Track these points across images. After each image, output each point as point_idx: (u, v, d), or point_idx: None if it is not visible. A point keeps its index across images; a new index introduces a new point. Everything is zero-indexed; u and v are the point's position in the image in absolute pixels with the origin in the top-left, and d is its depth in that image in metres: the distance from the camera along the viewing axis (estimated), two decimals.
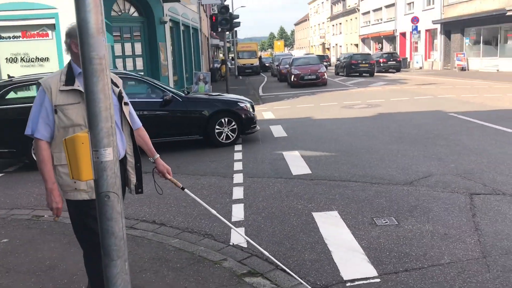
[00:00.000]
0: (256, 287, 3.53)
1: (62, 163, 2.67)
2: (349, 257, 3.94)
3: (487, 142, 8.07)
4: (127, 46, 14.91)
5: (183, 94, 9.19)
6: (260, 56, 50.87)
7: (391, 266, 3.71)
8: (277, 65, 32.41)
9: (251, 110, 9.32)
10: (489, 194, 5.27)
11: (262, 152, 8.27)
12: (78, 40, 2.52)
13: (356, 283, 3.50)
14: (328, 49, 70.20)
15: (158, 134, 8.54)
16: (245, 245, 4.31)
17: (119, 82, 2.89)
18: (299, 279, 3.44)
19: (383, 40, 46.97)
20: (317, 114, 13.00)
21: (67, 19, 13.29)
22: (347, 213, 4.91)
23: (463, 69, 30.94)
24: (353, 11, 55.25)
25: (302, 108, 14.73)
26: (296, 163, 7.22)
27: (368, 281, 3.51)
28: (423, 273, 3.56)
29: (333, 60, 53.99)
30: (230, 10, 18.34)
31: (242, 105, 9.27)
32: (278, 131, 10.28)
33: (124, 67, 14.76)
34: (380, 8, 46.73)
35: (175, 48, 18.58)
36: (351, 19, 57.14)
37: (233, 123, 9.05)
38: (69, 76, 2.68)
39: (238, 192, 5.89)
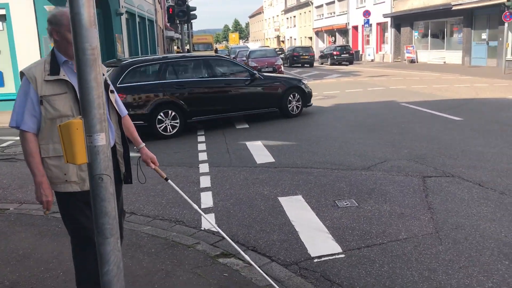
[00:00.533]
0: (230, 266, 3.74)
1: (50, 155, 2.61)
2: (315, 236, 4.21)
3: (437, 129, 8.61)
4: None
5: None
6: (216, 49, 50.72)
7: (354, 243, 4.01)
8: (233, 58, 32.54)
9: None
10: (440, 176, 5.70)
11: (225, 143, 8.45)
12: (59, 27, 2.59)
13: (323, 259, 3.78)
14: (283, 41, 70.85)
15: (245, 107, 10.27)
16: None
17: (104, 69, 2.83)
18: (255, 265, 3.67)
19: (336, 33, 47.93)
20: None
21: (19, 10, 12.91)
22: (310, 197, 5.20)
23: (412, 61, 32.17)
24: (306, 4, 55.99)
25: None
26: (260, 152, 7.46)
27: (334, 257, 3.79)
28: (383, 248, 3.88)
29: None
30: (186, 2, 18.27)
31: (305, 82, 11.30)
32: (239, 122, 10.46)
33: None
34: (333, 2, 47.63)
35: (131, 40, 18.37)
36: (304, 12, 57.91)
37: (299, 97, 10.92)
38: (54, 65, 2.59)
39: (205, 181, 6.06)
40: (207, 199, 5.38)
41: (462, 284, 3.24)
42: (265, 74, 11.37)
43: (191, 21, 20.72)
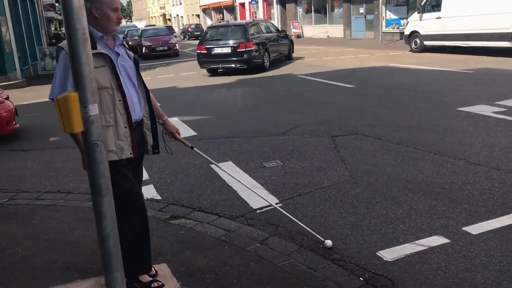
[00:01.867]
0: (183, 225, 4.14)
1: None
2: (253, 193, 4.72)
3: (334, 96, 9.59)
4: None
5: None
6: None
7: (287, 194, 4.63)
8: (123, 37, 31.61)
9: None
10: (345, 135, 6.56)
11: None
12: (100, 4, 2.68)
13: (264, 209, 4.33)
14: (170, 20, 69.68)
15: (279, 53, 16.85)
16: (159, 197, 4.84)
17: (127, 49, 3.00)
18: None
19: (224, 10, 48.44)
20: (181, 83, 13.53)
21: None
22: (240, 162, 5.72)
23: (298, 36, 33.82)
24: None
25: (164, 79, 15.08)
26: (179, 127, 7.60)
27: (273, 207, 4.36)
28: (313, 195, 4.55)
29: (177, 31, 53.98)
30: None
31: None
32: None
33: None
34: None
35: (15, 22, 17.14)
36: None
37: (291, 47, 18.24)
38: (90, 41, 2.61)
39: None
40: None
41: (381, 214, 4.01)
42: (281, 30, 18.30)
43: None
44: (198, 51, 15.24)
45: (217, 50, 14.70)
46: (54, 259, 3.59)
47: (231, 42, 14.61)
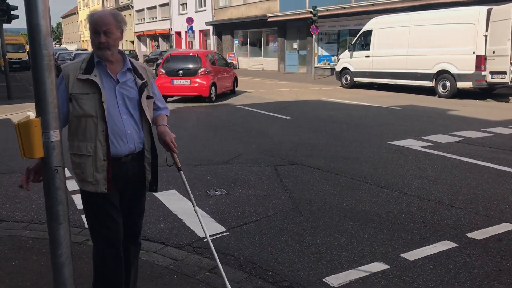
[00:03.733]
0: None
1: (74, 152, 2.68)
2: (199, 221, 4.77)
3: (274, 127, 9.87)
4: None
5: None
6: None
7: (233, 222, 4.70)
8: (56, 60, 30.56)
9: None
10: (287, 165, 6.78)
11: None
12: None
13: (212, 238, 4.36)
14: None
15: None
16: None
17: (147, 72, 2.87)
18: None
19: (159, 38, 48.34)
20: None
21: None
22: (184, 190, 5.72)
23: (234, 67, 34.44)
24: (126, 7, 55.11)
25: None
26: None
27: (220, 235, 4.42)
28: (259, 223, 4.65)
29: None
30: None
31: None
32: None
33: None
34: (155, 7, 47.94)
35: None
36: (125, 16, 56.69)
37: None
38: (90, 65, 2.63)
39: (69, 185, 6.06)
40: (80, 202, 5.47)
41: (325, 242, 4.19)
42: None
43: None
44: None
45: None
46: None
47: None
